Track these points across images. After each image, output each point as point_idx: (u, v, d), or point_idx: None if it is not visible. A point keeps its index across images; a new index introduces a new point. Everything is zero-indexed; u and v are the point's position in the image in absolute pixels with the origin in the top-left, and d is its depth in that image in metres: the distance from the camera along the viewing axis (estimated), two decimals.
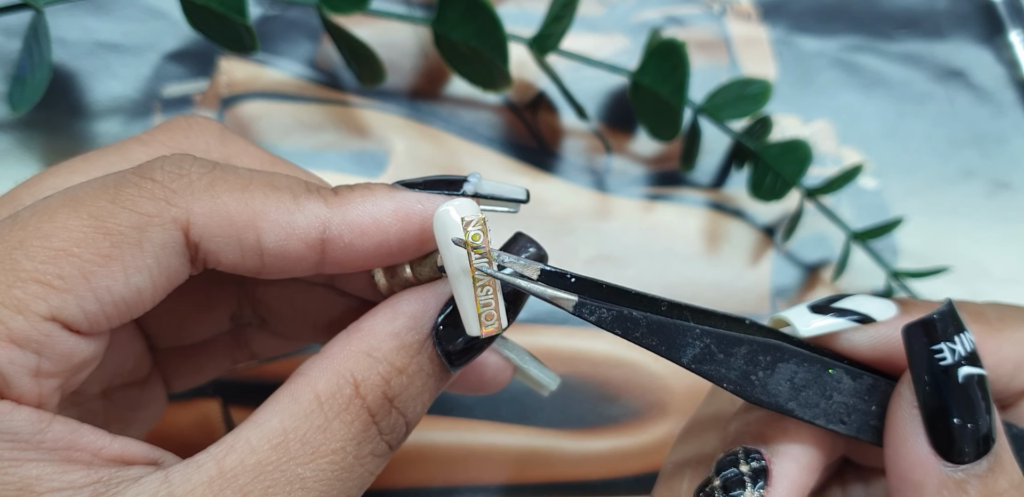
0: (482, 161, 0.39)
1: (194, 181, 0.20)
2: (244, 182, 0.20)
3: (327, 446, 0.19)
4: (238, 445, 0.19)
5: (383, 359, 0.20)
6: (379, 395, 0.20)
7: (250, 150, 0.25)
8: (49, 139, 0.35)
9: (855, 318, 0.23)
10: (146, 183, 0.20)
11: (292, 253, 0.20)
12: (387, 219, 0.21)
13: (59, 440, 0.18)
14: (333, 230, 0.20)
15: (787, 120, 0.42)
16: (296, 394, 0.20)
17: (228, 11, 0.30)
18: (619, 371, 0.36)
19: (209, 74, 0.37)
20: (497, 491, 0.35)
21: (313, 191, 0.21)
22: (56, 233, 0.19)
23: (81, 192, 0.20)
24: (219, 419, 0.33)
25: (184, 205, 0.19)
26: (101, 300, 0.19)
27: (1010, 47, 0.45)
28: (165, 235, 0.19)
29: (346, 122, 0.38)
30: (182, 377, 0.28)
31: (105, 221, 0.19)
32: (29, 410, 0.18)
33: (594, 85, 0.41)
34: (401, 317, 0.21)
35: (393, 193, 0.21)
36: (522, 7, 0.41)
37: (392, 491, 0.34)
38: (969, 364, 0.21)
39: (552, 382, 0.26)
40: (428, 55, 0.39)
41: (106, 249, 0.19)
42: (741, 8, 0.44)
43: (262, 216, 0.20)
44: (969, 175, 0.43)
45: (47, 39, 0.31)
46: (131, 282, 0.19)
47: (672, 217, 0.40)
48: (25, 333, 0.18)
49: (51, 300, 0.18)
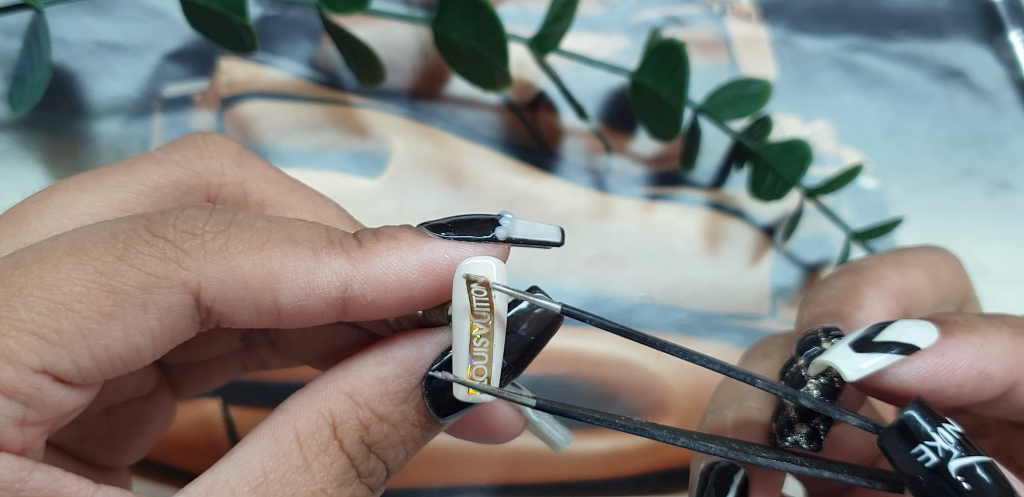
0: (482, 161, 0.39)
1: (207, 242, 0.19)
2: (261, 240, 0.19)
3: (307, 487, 0.19)
4: (217, 487, 0.19)
5: (364, 404, 0.20)
6: (356, 440, 0.20)
7: (267, 174, 0.24)
8: (49, 139, 0.35)
9: (899, 351, 0.22)
10: (157, 241, 0.19)
11: (311, 311, 0.20)
12: (412, 276, 0.20)
13: (39, 489, 0.18)
14: (355, 289, 0.19)
15: (787, 120, 0.42)
16: (276, 433, 0.19)
17: (228, 11, 0.30)
18: (619, 371, 0.36)
19: (209, 74, 0.37)
20: (497, 491, 0.35)
21: (335, 243, 0.20)
22: (58, 285, 0.18)
23: (88, 242, 0.19)
24: (219, 419, 0.34)
25: (196, 268, 0.19)
26: (97, 357, 0.18)
27: (1010, 47, 0.45)
28: (172, 298, 0.19)
29: (346, 122, 0.38)
30: (191, 385, 0.28)
31: (111, 279, 0.18)
32: (11, 458, 0.18)
33: (594, 85, 0.41)
34: (390, 362, 0.20)
35: (419, 244, 0.20)
36: (522, 7, 0.41)
37: (392, 491, 0.34)
38: (961, 455, 0.20)
39: (564, 440, 0.25)
40: (428, 55, 0.39)
41: (108, 308, 0.18)
42: (741, 8, 0.44)
43: (279, 277, 0.19)
44: (969, 175, 0.43)
45: (47, 39, 0.31)
46: (131, 342, 0.18)
47: (672, 217, 0.40)
48: (14, 384, 0.17)
49: (44, 354, 0.18)
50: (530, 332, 0.21)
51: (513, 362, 0.20)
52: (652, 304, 0.38)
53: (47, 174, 0.34)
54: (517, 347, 0.20)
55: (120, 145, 0.35)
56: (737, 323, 0.39)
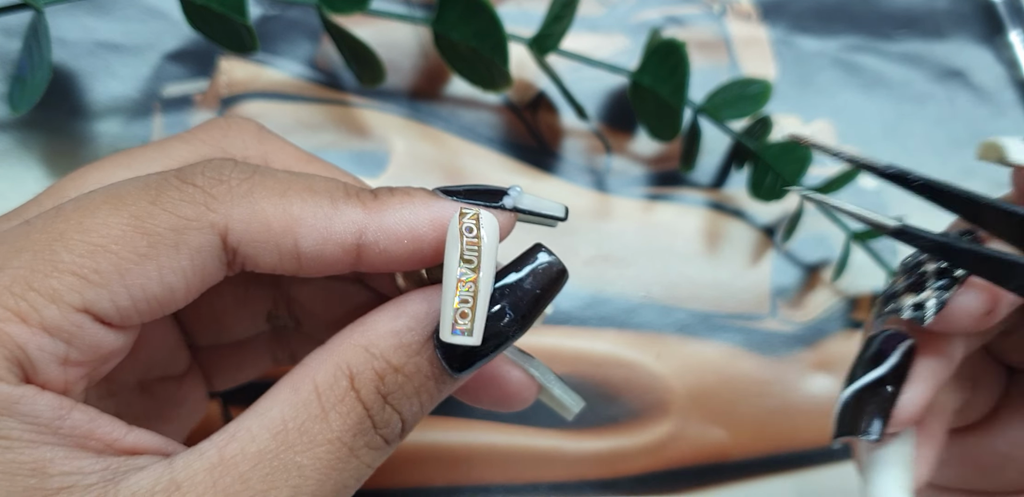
0: (482, 161, 0.39)
1: (234, 187, 0.20)
2: (283, 187, 0.21)
3: (323, 436, 0.20)
4: (239, 434, 0.20)
5: (379, 355, 0.21)
6: (372, 390, 0.21)
7: (286, 148, 0.26)
8: (49, 139, 0.35)
9: None
10: (187, 187, 0.20)
11: (328, 256, 0.21)
12: (423, 228, 0.21)
13: (76, 427, 0.19)
14: (369, 236, 0.21)
15: (787, 120, 0.42)
16: (296, 385, 0.20)
17: (228, 11, 0.30)
18: (619, 371, 0.36)
19: (209, 74, 0.37)
20: (497, 491, 0.35)
21: (352, 195, 0.21)
22: (96, 229, 0.19)
23: (123, 190, 0.20)
24: (219, 419, 0.33)
25: (223, 211, 0.20)
26: (134, 296, 0.19)
27: (1010, 47, 0.45)
28: (202, 238, 0.20)
29: (346, 122, 0.38)
30: (223, 375, 0.29)
31: (144, 221, 0.19)
32: (52, 396, 0.19)
33: (594, 85, 0.41)
34: (404, 316, 0.21)
35: (431, 201, 0.21)
36: (522, 7, 0.41)
37: (392, 491, 0.34)
38: None
39: (576, 405, 0.26)
40: (428, 55, 0.39)
41: (143, 248, 0.19)
42: (741, 8, 0.44)
43: (300, 222, 0.20)
44: (969, 175, 0.43)
45: (47, 39, 0.31)
46: (165, 281, 0.20)
47: (672, 217, 0.40)
48: (57, 322, 0.18)
49: (85, 293, 0.19)
50: (535, 286, 0.21)
51: (520, 316, 0.21)
52: (652, 304, 0.38)
53: (47, 174, 0.34)
54: (524, 300, 0.21)
55: (120, 145, 0.35)
56: (737, 323, 0.38)
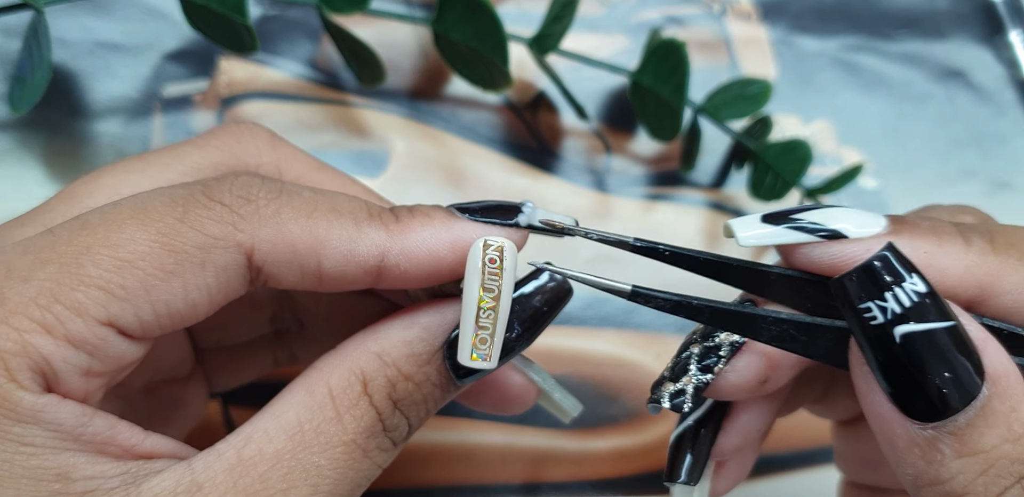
0: (482, 161, 0.39)
1: (261, 207, 0.21)
2: (309, 208, 0.21)
3: (339, 437, 0.20)
4: (256, 435, 0.20)
5: (392, 364, 0.21)
6: (384, 396, 0.21)
7: (298, 156, 0.26)
8: (49, 139, 0.35)
9: (824, 234, 0.21)
10: (215, 205, 0.20)
11: (350, 276, 0.21)
12: (443, 251, 0.21)
13: (97, 434, 0.19)
14: (391, 259, 0.21)
15: (787, 120, 0.42)
16: (310, 388, 0.21)
17: (228, 11, 0.30)
18: (619, 371, 0.36)
19: (209, 74, 0.37)
20: (498, 491, 0.35)
21: (375, 216, 0.21)
22: (123, 244, 0.19)
23: (150, 205, 0.20)
24: (219, 419, 0.33)
25: (251, 231, 0.20)
26: (158, 311, 0.20)
27: (1010, 47, 0.45)
28: (228, 258, 0.20)
29: (346, 122, 0.38)
30: (224, 376, 0.29)
31: (172, 239, 0.20)
32: (74, 405, 0.19)
33: (594, 85, 0.41)
34: (416, 327, 0.22)
35: (451, 223, 0.22)
36: (522, 7, 0.41)
37: (394, 491, 0.34)
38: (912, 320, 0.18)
39: (575, 409, 0.26)
40: (428, 55, 0.39)
41: (169, 266, 0.19)
42: (741, 8, 0.44)
43: (324, 244, 0.21)
44: (969, 175, 0.43)
45: (47, 39, 0.31)
46: (189, 297, 0.20)
47: (672, 217, 0.40)
48: (82, 335, 0.19)
49: (110, 307, 0.19)
50: (543, 303, 0.23)
51: (526, 330, 0.22)
52: None
53: (47, 174, 0.34)
54: (531, 317, 0.22)
55: (120, 145, 0.35)
56: None
